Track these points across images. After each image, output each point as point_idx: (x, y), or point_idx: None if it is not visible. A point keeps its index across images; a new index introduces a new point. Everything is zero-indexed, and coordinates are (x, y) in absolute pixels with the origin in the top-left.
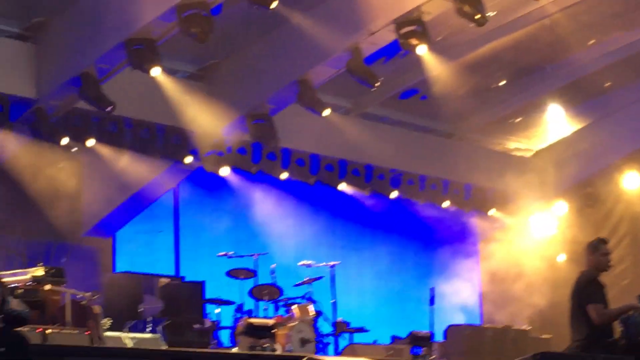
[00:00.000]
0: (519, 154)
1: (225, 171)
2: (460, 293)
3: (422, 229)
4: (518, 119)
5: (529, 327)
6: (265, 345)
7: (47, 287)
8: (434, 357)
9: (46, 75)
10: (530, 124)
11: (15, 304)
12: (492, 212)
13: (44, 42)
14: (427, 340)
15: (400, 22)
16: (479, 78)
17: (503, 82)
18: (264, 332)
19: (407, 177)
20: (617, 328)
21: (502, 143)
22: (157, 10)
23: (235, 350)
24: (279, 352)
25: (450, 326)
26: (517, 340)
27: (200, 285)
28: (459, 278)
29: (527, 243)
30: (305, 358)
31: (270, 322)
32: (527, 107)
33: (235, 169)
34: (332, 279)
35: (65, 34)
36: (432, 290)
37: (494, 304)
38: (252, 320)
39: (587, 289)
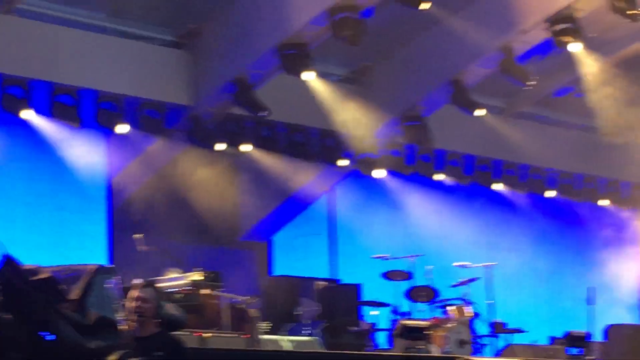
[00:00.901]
0: None
1: (379, 173)
2: (621, 293)
3: (580, 228)
4: None
5: None
6: (420, 347)
7: (205, 291)
8: (593, 357)
9: (201, 81)
10: None
11: (171, 308)
12: None
13: (198, 49)
14: (583, 340)
15: (553, 20)
16: (633, 74)
17: None
18: (419, 334)
19: (563, 176)
20: None
21: None
22: (309, 15)
23: (391, 352)
24: (435, 353)
25: (610, 326)
26: None
27: (357, 287)
28: (618, 277)
29: None
30: (461, 359)
31: (425, 323)
32: None
33: (390, 171)
34: (489, 279)
35: (218, 41)
36: (591, 289)
37: None
38: (407, 322)
39: None
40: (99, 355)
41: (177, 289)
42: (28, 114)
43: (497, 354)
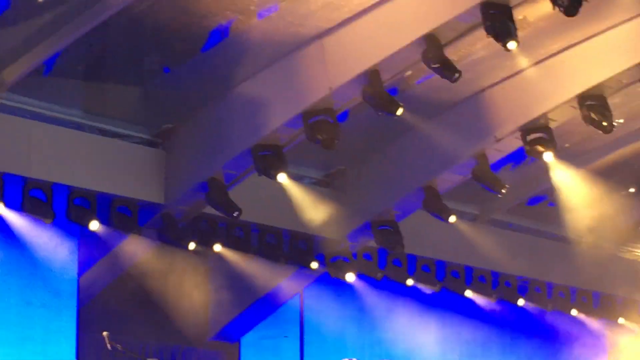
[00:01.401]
0: None
1: (350, 277)
2: None
3: (550, 337)
4: None
5: None
6: None
7: None
8: None
9: (174, 180)
10: None
11: None
12: (621, 321)
13: (173, 148)
14: None
15: (526, 129)
16: (607, 186)
17: (633, 190)
18: None
19: (534, 285)
20: None
21: (632, 251)
22: (284, 117)
23: None
24: None
25: None
26: None
27: None
28: None
29: None
30: None
31: None
32: None
33: (361, 275)
34: None
35: (193, 140)
36: None
37: None
38: None
39: None
40: None
41: None
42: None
43: None
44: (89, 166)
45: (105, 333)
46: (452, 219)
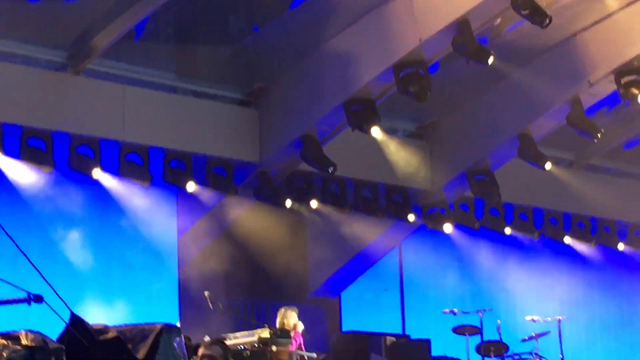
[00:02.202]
0: None
1: (448, 228)
2: None
3: None
4: None
5: None
6: None
7: (274, 348)
8: None
9: (268, 139)
10: None
11: None
12: None
13: (266, 106)
14: None
15: (620, 72)
16: None
17: None
18: None
19: (633, 228)
20: None
21: None
22: (375, 71)
23: None
24: None
25: None
26: None
27: (427, 343)
28: None
29: None
30: None
31: None
32: None
33: (458, 226)
34: (560, 334)
35: (285, 98)
36: None
37: None
38: None
39: None
40: None
41: (245, 346)
42: (98, 173)
43: None
44: (183, 128)
45: (206, 292)
46: (548, 165)
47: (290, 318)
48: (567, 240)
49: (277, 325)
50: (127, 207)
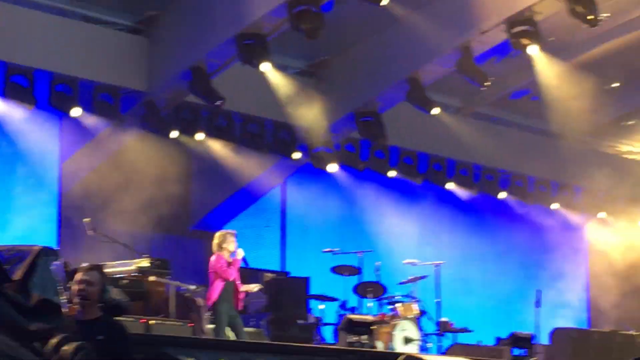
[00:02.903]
0: (631, 157)
1: (333, 168)
2: (567, 296)
3: (529, 231)
4: (631, 122)
5: (637, 332)
6: (365, 342)
7: (152, 278)
8: (536, 359)
9: (157, 68)
10: None
11: (115, 293)
12: (602, 215)
13: (156, 35)
14: (528, 341)
15: (511, 22)
16: (591, 79)
17: (616, 84)
18: (365, 329)
19: (515, 178)
20: None
21: (613, 146)
22: (269, 6)
23: (335, 346)
24: (380, 349)
25: (556, 329)
26: (623, 345)
27: (305, 281)
28: (566, 281)
29: (636, 247)
30: (403, 356)
31: (371, 319)
32: None
33: (343, 166)
34: (437, 278)
35: (176, 28)
36: (539, 292)
37: (602, 308)
38: (352, 316)
39: None
40: (40, 338)
41: (123, 275)
42: None
43: (442, 353)
44: (72, 53)
45: (86, 220)
46: (435, 111)
47: (230, 243)
48: (450, 186)
49: (214, 249)
50: (9, 129)
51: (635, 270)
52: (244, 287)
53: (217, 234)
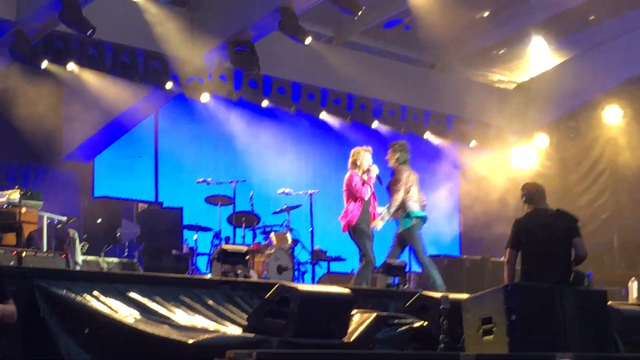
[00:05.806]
0: (501, 86)
1: (205, 97)
2: (440, 225)
3: None
4: (501, 51)
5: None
6: (239, 272)
7: (23, 209)
8: (408, 287)
9: None
10: (514, 56)
11: None
12: (473, 143)
13: None
14: (401, 269)
15: None
16: (462, 9)
17: (486, 13)
18: (238, 259)
19: (388, 107)
20: None
21: (484, 75)
22: None
23: (208, 276)
24: (254, 278)
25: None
26: (495, 272)
27: (179, 211)
28: (438, 210)
29: (507, 175)
30: (278, 284)
31: (245, 248)
32: (510, 39)
33: (216, 96)
34: (311, 207)
35: None
36: None
37: (473, 236)
38: (226, 246)
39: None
40: None
41: None
42: None
43: (316, 281)
44: None
45: None
46: (308, 40)
47: (364, 159)
48: (323, 115)
49: (349, 166)
50: None
51: (505, 199)
52: (380, 209)
53: (353, 151)
